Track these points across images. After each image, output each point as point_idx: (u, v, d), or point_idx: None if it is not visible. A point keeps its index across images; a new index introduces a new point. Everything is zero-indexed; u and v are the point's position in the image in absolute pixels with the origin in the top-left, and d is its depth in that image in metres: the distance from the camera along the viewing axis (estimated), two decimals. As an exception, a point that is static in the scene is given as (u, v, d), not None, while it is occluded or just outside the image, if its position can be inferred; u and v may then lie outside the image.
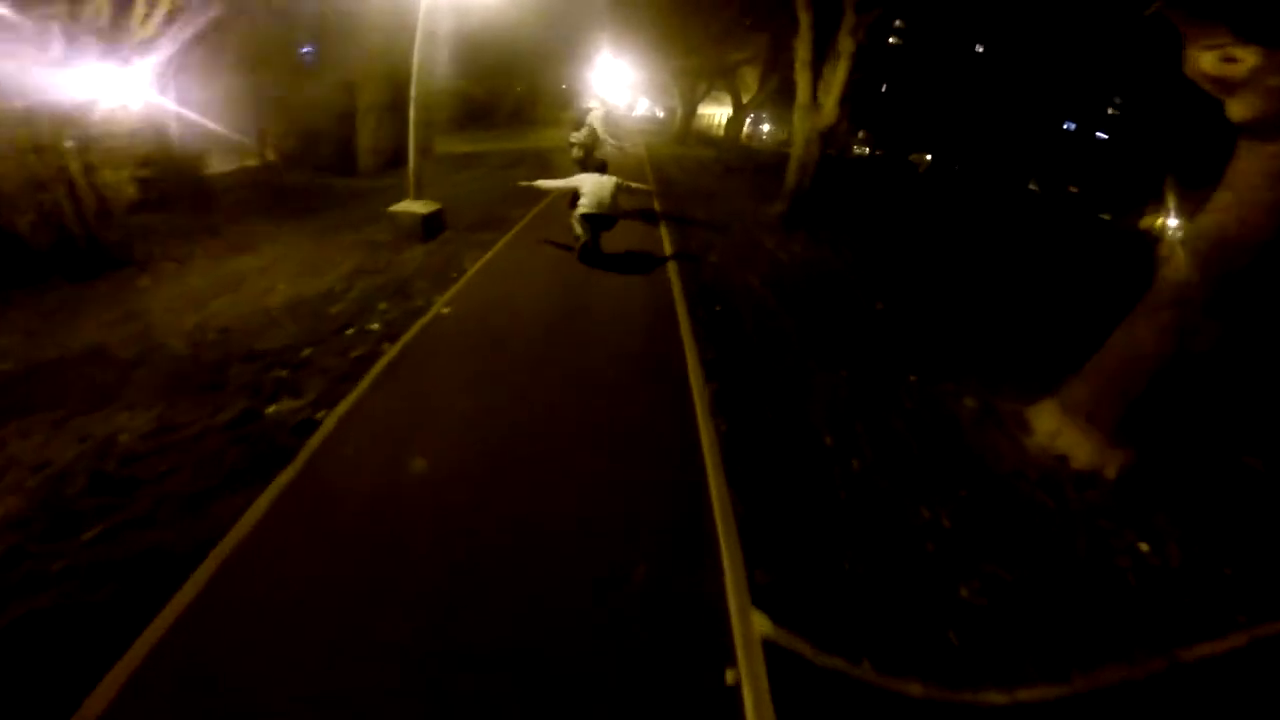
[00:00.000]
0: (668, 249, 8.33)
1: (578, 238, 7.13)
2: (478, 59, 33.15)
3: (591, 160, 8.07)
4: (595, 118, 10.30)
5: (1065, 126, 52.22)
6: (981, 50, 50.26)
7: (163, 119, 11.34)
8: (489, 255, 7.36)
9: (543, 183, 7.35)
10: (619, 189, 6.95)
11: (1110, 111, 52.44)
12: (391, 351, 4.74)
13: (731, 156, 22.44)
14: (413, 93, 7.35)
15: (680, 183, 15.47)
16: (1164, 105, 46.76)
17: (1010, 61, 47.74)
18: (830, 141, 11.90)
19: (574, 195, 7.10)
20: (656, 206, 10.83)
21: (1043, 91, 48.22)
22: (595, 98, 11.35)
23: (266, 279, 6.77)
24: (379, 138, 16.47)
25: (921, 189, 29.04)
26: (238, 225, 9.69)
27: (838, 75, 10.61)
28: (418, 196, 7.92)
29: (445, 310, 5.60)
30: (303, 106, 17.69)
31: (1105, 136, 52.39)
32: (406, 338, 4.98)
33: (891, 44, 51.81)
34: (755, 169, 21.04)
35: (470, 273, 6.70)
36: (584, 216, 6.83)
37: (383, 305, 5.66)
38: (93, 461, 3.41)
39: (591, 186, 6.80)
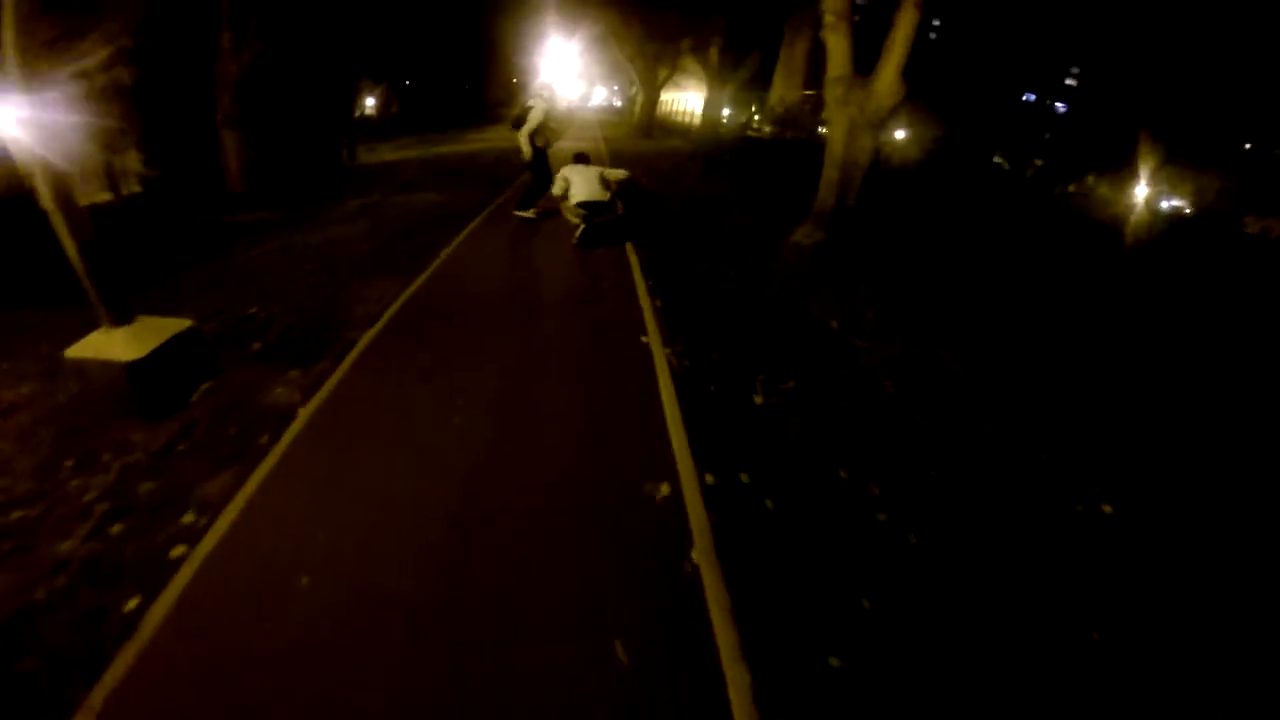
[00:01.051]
0: (667, 392, 3.75)
1: (575, 226, 6.97)
2: (414, 52, 27.96)
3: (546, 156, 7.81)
4: (536, 113, 7.51)
5: (1025, 98, 48.74)
6: (938, 23, 46.15)
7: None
8: (256, 484, 2.86)
9: (554, 192, 6.97)
10: (602, 176, 6.76)
11: (1069, 82, 49.03)
12: None
13: (708, 148, 18.00)
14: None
15: (654, 193, 11.06)
16: (1123, 75, 43.59)
17: (971, 31, 43.76)
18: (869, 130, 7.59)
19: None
20: (632, 261, 6.45)
21: (1004, 61, 44.39)
22: (543, 89, 7.92)
23: None
24: (246, 158, 11.72)
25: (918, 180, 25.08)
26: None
27: (899, 32, 6.30)
28: (120, 318, 3.46)
29: None
30: (168, 125, 12.83)
31: (1064, 108, 49.02)
32: None
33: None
34: (734, 161, 16.68)
35: (173, 594, 2.24)
36: (580, 204, 6.68)
37: None
38: None
39: (580, 177, 6.67)
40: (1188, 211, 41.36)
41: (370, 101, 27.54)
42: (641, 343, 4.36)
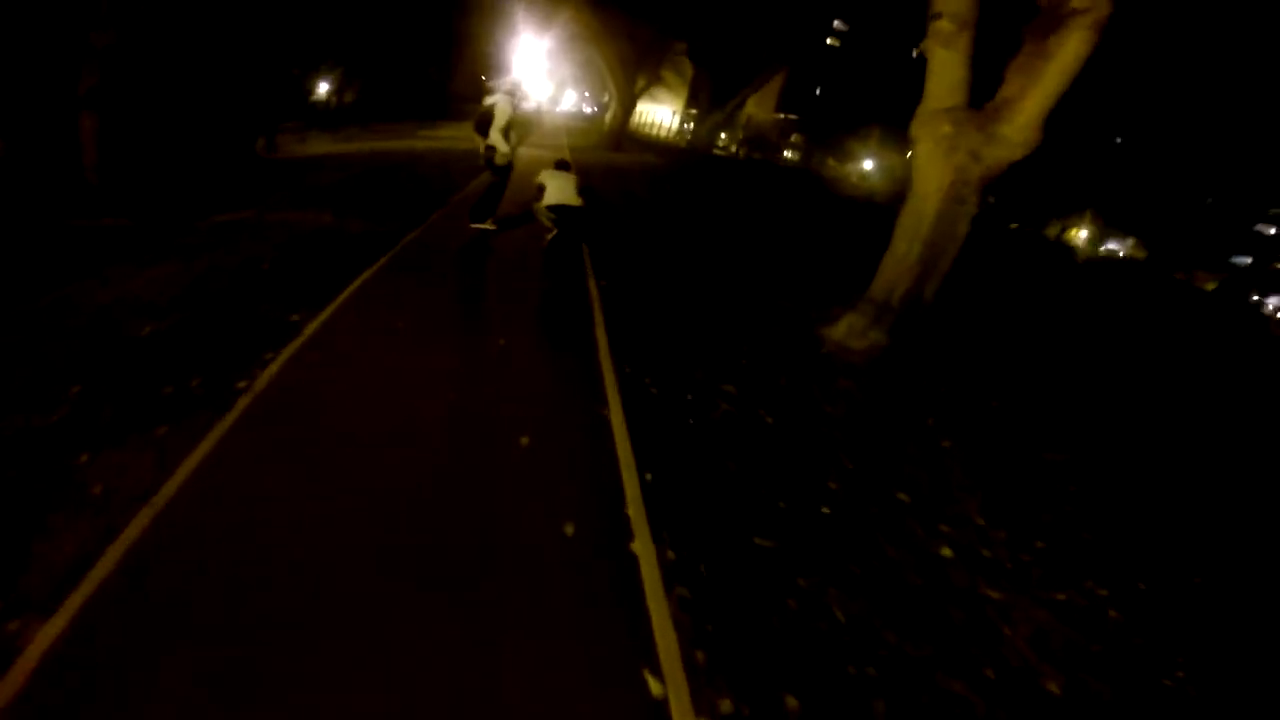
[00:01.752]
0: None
1: (548, 230, 6.65)
2: (377, 38, 24.42)
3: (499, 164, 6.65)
4: (503, 110, 6.39)
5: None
6: (917, 54, 45.18)
7: None
8: None
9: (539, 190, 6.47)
10: (578, 184, 6.60)
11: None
12: None
13: (692, 170, 15.48)
14: None
15: (627, 233, 8.41)
16: (1076, 113, 43.39)
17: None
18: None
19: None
20: (616, 424, 3.38)
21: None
22: (509, 85, 6.54)
23: None
24: (104, 145, 8.49)
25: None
26: None
27: (1057, 61, 3.86)
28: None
29: None
30: (35, 97, 9.50)
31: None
32: None
33: (830, 45, 45.81)
34: (720, 184, 14.24)
35: None
36: (550, 207, 6.38)
37: None
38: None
39: (554, 182, 6.43)
40: (1121, 254, 41.90)
41: (324, 86, 23.98)
42: (651, 698, 1.70)
